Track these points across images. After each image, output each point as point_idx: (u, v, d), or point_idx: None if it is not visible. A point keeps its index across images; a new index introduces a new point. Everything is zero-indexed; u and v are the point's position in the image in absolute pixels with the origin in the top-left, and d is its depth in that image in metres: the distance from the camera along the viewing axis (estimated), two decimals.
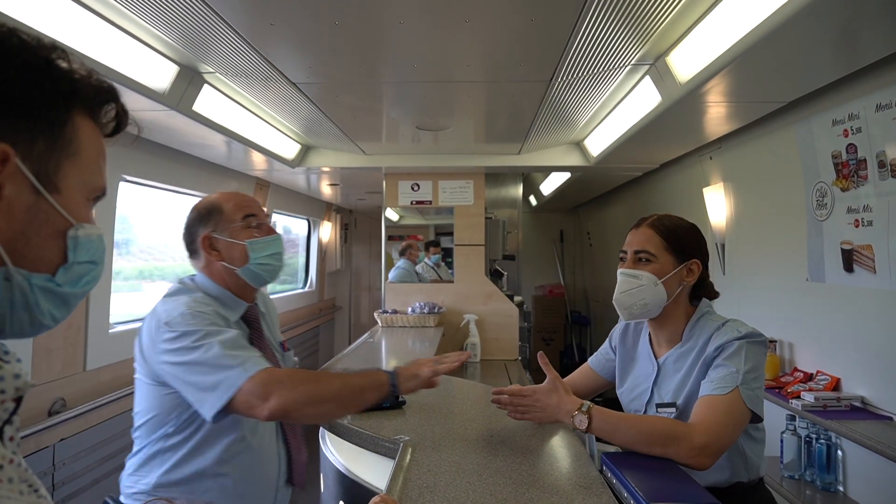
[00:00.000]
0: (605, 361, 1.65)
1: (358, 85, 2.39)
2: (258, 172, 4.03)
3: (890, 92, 1.95)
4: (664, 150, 3.38)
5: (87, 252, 0.60)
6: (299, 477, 1.49)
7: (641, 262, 1.43)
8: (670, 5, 1.67)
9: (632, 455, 1.27)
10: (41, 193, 0.54)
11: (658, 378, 1.45)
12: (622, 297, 1.44)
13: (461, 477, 1.19)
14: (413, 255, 4.22)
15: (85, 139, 0.59)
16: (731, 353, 1.30)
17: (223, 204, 1.44)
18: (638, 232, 1.47)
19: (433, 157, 3.77)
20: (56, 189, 0.56)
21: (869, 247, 2.13)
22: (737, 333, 1.32)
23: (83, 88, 0.58)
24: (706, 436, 1.20)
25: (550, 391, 1.38)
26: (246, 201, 1.47)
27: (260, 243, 1.43)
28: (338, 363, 2.52)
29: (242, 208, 1.44)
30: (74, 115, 0.58)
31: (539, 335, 6.61)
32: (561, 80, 2.27)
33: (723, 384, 1.26)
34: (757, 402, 1.26)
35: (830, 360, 2.44)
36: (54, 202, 0.56)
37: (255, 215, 1.45)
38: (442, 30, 1.83)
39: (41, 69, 0.54)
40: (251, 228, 1.43)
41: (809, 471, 2.32)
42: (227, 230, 1.42)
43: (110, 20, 1.71)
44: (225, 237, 1.42)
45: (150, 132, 2.69)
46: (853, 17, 1.53)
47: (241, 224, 1.42)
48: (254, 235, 1.43)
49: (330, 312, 6.76)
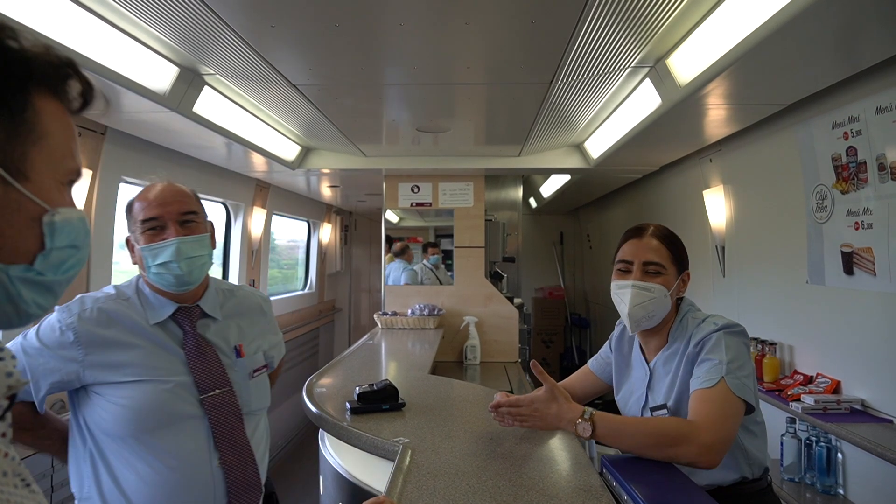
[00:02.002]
0: (605, 365, 1.65)
1: (358, 87, 2.39)
2: (258, 174, 4.03)
3: (890, 94, 1.95)
4: (664, 152, 3.38)
5: (66, 236, 0.57)
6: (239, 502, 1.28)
7: (651, 275, 1.40)
8: (670, 8, 1.68)
9: (631, 458, 1.27)
10: (9, 183, 0.51)
11: (651, 382, 1.45)
12: (635, 311, 1.39)
13: (461, 479, 1.19)
14: (410, 256, 4.21)
15: (50, 121, 0.55)
16: (710, 346, 1.31)
17: (135, 202, 1.32)
18: (642, 242, 1.43)
19: (433, 159, 3.77)
20: (25, 177, 0.52)
21: (869, 249, 2.13)
22: (713, 326, 1.34)
23: (40, 67, 0.54)
24: (712, 432, 1.19)
25: (549, 400, 1.35)
26: (152, 200, 1.30)
27: (151, 250, 1.28)
28: (338, 365, 2.51)
29: (145, 210, 1.30)
30: (34, 97, 0.53)
31: (539, 337, 6.60)
32: (561, 83, 2.27)
33: (709, 377, 1.26)
34: (745, 390, 1.26)
35: (830, 363, 2.44)
36: (24, 190, 0.52)
37: (154, 219, 1.29)
38: (442, 32, 1.83)
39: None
40: (149, 232, 1.29)
41: (809, 474, 2.31)
42: (134, 234, 1.32)
43: (111, 21, 1.71)
44: (134, 241, 1.32)
45: (150, 133, 2.69)
46: (853, 20, 1.53)
47: (141, 228, 1.29)
48: (150, 241, 1.29)
49: (330, 314, 6.76)
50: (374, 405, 1.69)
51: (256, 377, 1.40)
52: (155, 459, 1.21)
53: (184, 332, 1.31)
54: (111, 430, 1.21)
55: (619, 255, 1.46)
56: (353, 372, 2.40)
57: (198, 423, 1.26)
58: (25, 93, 0.53)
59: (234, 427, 1.30)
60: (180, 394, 1.25)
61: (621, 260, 1.45)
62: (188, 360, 1.29)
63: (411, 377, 2.28)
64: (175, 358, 1.28)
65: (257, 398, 1.39)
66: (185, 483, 1.22)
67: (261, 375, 1.42)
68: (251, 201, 4.26)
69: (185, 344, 1.30)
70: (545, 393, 1.36)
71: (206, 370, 1.29)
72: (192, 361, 1.29)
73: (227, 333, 1.38)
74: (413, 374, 2.34)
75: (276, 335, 1.55)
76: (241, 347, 1.38)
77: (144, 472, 1.21)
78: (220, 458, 1.26)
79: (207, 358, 1.31)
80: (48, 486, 2.18)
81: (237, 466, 1.28)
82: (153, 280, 1.30)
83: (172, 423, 1.24)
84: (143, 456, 1.21)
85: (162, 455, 1.22)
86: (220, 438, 1.27)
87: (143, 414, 1.21)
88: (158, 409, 1.22)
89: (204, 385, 1.28)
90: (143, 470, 1.21)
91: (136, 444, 1.21)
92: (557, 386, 1.37)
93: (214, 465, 1.26)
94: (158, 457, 1.21)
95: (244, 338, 1.41)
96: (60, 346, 1.21)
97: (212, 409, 1.27)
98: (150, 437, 1.22)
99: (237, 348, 1.38)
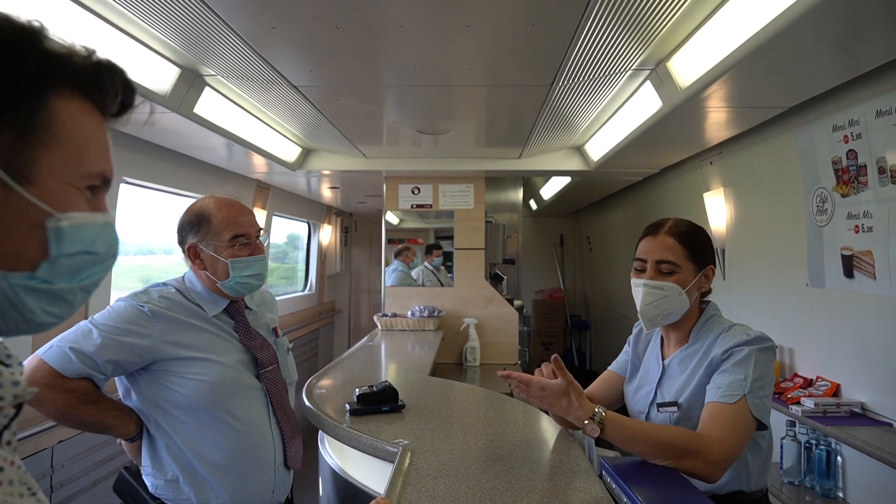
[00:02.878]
0: (625, 362, 1.60)
1: (359, 88, 2.39)
2: (259, 175, 4.03)
3: (890, 98, 1.95)
4: (665, 154, 3.39)
5: (77, 243, 0.55)
6: (293, 460, 1.53)
7: (664, 273, 1.38)
8: (671, 11, 1.68)
9: (631, 461, 1.26)
10: (10, 187, 0.49)
11: (662, 379, 1.44)
12: (647, 309, 1.39)
13: (460, 481, 1.19)
14: (409, 257, 4.21)
15: (69, 123, 0.53)
16: (740, 359, 1.28)
17: (213, 215, 1.46)
18: (657, 240, 1.41)
19: (434, 160, 3.77)
20: (29, 181, 0.51)
21: (869, 252, 2.13)
22: (745, 337, 1.30)
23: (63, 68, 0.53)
24: (722, 451, 1.18)
25: (561, 394, 1.29)
26: (236, 217, 1.47)
27: (242, 263, 1.45)
28: (337, 366, 2.51)
29: (232, 226, 1.45)
30: (50, 99, 0.52)
31: (539, 339, 6.60)
32: (562, 85, 2.27)
33: (730, 392, 1.23)
34: (763, 410, 1.24)
35: (830, 366, 2.44)
36: (27, 193, 0.50)
37: (243, 235, 1.46)
38: (443, 34, 1.83)
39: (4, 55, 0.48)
40: (239, 247, 1.46)
41: (809, 477, 2.31)
42: (213, 245, 1.44)
43: (112, 22, 1.71)
44: (210, 251, 1.44)
45: (151, 134, 2.69)
46: (853, 23, 1.53)
47: (228, 244, 1.44)
48: (237, 255, 1.45)
49: (329, 315, 6.76)
50: (374, 407, 1.69)
51: (289, 354, 1.65)
52: (228, 426, 1.41)
53: (235, 321, 1.51)
54: (190, 404, 1.37)
55: (636, 253, 1.45)
56: (353, 373, 2.40)
57: (259, 394, 1.48)
58: (40, 94, 0.51)
59: (283, 395, 1.54)
60: (242, 370, 1.46)
61: (637, 258, 1.44)
62: (245, 343, 1.49)
63: (411, 379, 2.28)
64: (233, 340, 1.49)
65: (293, 371, 1.64)
66: (255, 442, 1.45)
67: (291, 353, 1.67)
68: (251, 202, 4.27)
69: (237, 329, 1.50)
70: (559, 386, 1.30)
71: (263, 350, 1.52)
72: (249, 343, 1.50)
73: (264, 320, 1.61)
74: (413, 376, 2.34)
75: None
76: (277, 329, 1.63)
77: (220, 439, 1.40)
78: (277, 421, 1.50)
79: (258, 340, 1.52)
80: (48, 485, 2.18)
81: (288, 426, 1.52)
82: (234, 287, 1.47)
83: (241, 393, 1.44)
84: (218, 426, 1.40)
85: (235, 421, 1.41)
86: (276, 405, 1.50)
87: (219, 386, 1.40)
88: (231, 382, 1.42)
89: (263, 362, 1.50)
90: (219, 437, 1.40)
91: (213, 413, 1.39)
92: (574, 382, 1.32)
93: (273, 426, 1.49)
94: (233, 422, 1.41)
95: (274, 321, 1.64)
96: (139, 324, 1.35)
97: (268, 382, 1.50)
98: (226, 405, 1.40)
99: (275, 330, 1.62)
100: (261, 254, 1.49)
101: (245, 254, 1.46)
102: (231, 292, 1.48)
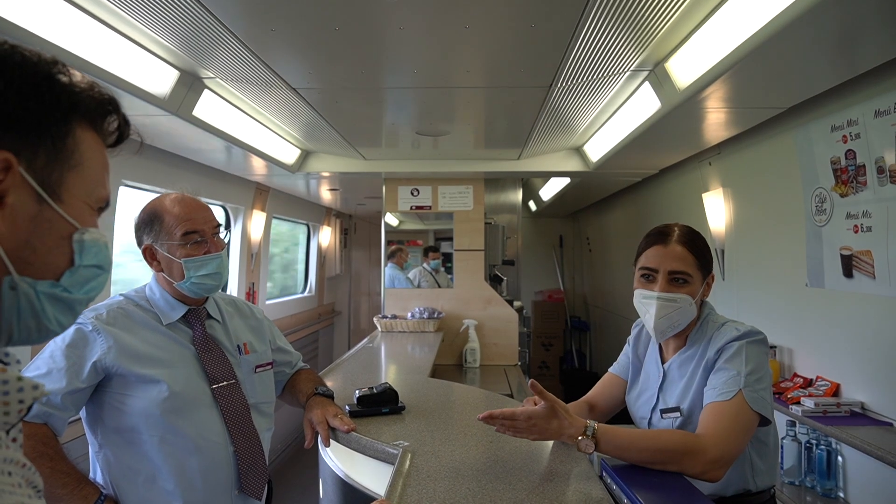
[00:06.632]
0: (626, 365, 1.59)
1: (358, 90, 2.39)
2: (258, 177, 4.03)
3: (888, 98, 1.95)
4: (663, 155, 3.39)
5: (93, 256, 0.61)
6: (250, 487, 1.41)
7: (677, 284, 1.35)
8: (669, 11, 1.68)
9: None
10: (45, 202, 0.55)
11: (663, 384, 1.43)
12: (660, 323, 1.35)
13: (461, 483, 1.19)
14: (401, 258, 4.20)
15: (87, 151, 0.60)
16: (731, 354, 1.27)
17: (166, 213, 1.40)
18: (668, 250, 1.36)
19: (433, 162, 3.78)
20: (59, 199, 0.57)
21: (868, 252, 2.13)
22: (735, 333, 1.30)
23: (84, 101, 0.59)
24: (719, 448, 1.17)
25: (549, 416, 1.26)
26: (189, 213, 1.40)
27: (196, 262, 1.39)
28: (337, 368, 2.51)
29: (184, 223, 1.39)
30: (75, 127, 0.58)
31: (538, 340, 6.59)
32: (560, 86, 2.27)
33: (725, 389, 1.23)
34: (762, 403, 1.23)
35: (830, 366, 2.44)
36: (58, 208, 0.56)
37: (196, 232, 1.40)
38: (442, 36, 1.83)
39: (42, 85, 0.55)
40: (192, 245, 1.39)
41: (809, 477, 2.31)
42: (166, 245, 1.39)
43: (111, 25, 1.72)
44: (164, 251, 1.39)
45: (150, 137, 2.69)
46: (852, 23, 1.54)
47: (180, 242, 1.38)
48: (191, 253, 1.39)
49: (329, 317, 6.76)
50: (374, 408, 1.69)
51: (260, 372, 1.54)
52: (187, 442, 1.33)
53: (193, 330, 1.44)
54: (147, 411, 1.30)
55: (642, 261, 1.40)
56: (353, 375, 2.39)
57: (213, 412, 1.39)
58: (69, 123, 0.58)
59: (242, 416, 1.43)
60: (196, 383, 1.39)
61: (645, 267, 1.38)
62: (199, 355, 1.42)
63: (411, 380, 2.28)
64: (188, 352, 1.42)
65: (262, 391, 1.53)
66: (210, 465, 1.36)
67: (265, 371, 1.57)
68: (251, 204, 4.27)
69: (194, 340, 1.43)
70: (545, 409, 1.26)
71: (215, 363, 1.43)
72: (203, 356, 1.42)
73: (230, 333, 1.52)
74: (413, 378, 2.34)
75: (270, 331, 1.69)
76: (245, 346, 1.54)
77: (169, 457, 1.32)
78: (232, 441, 1.40)
79: (215, 353, 1.45)
80: None
81: (246, 450, 1.42)
82: (190, 288, 1.41)
83: (195, 408, 1.36)
84: (176, 441, 1.32)
85: (192, 437, 1.34)
86: (232, 425, 1.40)
87: (168, 401, 1.32)
88: (181, 394, 1.34)
89: (214, 376, 1.41)
90: (168, 456, 1.32)
91: (169, 428, 1.32)
92: (558, 401, 1.28)
93: (230, 451, 1.39)
94: (188, 440, 1.33)
95: (245, 337, 1.56)
96: (84, 342, 1.30)
97: (222, 399, 1.41)
98: (179, 420, 1.33)
99: (240, 346, 1.53)
100: (217, 251, 1.42)
101: (200, 252, 1.39)
102: (189, 293, 1.42)
